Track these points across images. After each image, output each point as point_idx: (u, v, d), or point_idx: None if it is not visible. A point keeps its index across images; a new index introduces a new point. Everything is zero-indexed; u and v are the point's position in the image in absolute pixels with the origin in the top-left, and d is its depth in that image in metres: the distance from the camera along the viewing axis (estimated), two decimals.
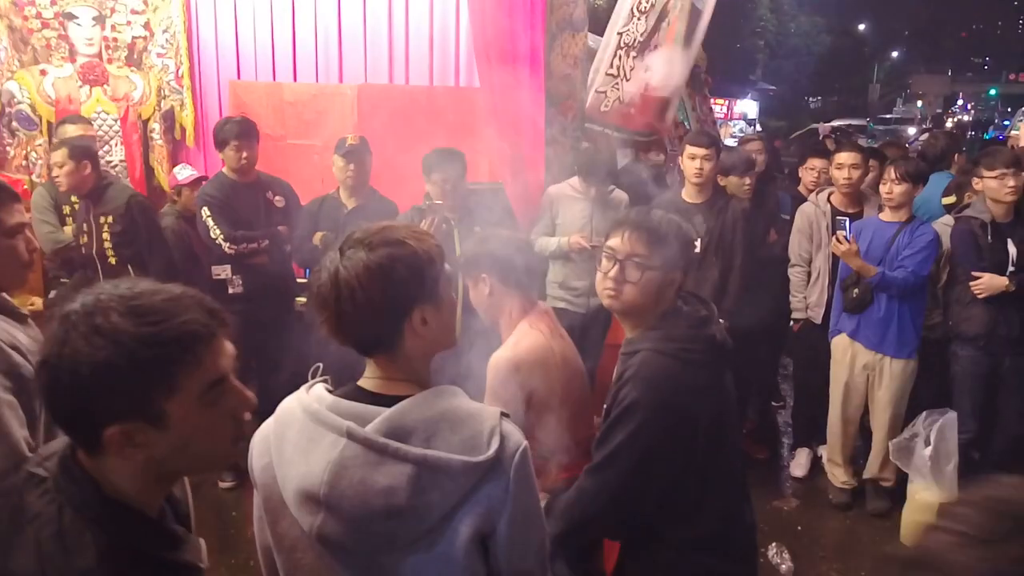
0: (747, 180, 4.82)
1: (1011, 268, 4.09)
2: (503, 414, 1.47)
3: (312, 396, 1.47)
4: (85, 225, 4.30)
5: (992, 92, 47.75)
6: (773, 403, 5.77)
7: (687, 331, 2.04)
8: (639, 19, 5.11)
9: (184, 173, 5.19)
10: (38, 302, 4.47)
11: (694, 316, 2.09)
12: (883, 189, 4.25)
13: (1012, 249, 4.10)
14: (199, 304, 1.18)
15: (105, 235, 4.30)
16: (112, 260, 4.30)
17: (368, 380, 1.51)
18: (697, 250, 4.18)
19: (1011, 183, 4.06)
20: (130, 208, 4.34)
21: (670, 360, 2.00)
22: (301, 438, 1.43)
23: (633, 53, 5.18)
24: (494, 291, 2.65)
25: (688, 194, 4.48)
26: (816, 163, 5.14)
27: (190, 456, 1.20)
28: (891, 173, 4.20)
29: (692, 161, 4.36)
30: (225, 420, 1.22)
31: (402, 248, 1.45)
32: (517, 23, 4.45)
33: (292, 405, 1.49)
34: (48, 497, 1.17)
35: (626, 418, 1.99)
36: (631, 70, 5.21)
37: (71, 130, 4.70)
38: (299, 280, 4.99)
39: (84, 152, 4.28)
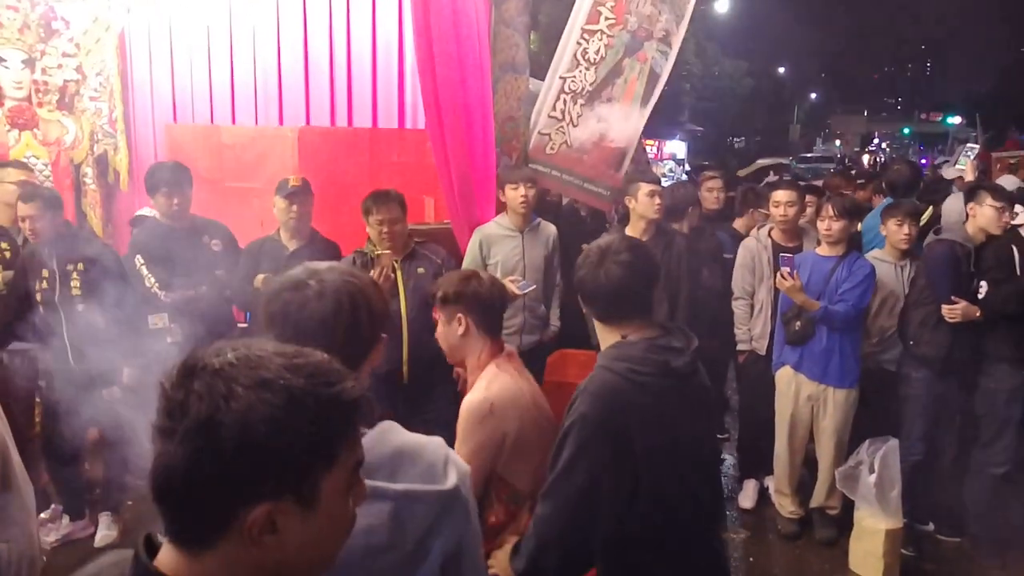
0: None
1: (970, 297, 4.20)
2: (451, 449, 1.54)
3: None
4: (45, 272, 4.16)
5: (905, 131, 49.94)
6: (718, 436, 5.84)
7: (642, 353, 2.09)
8: (587, 68, 5.21)
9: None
10: None
11: (656, 344, 2.13)
12: (822, 226, 4.37)
13: (976, 279, 4.23)
14: (344, 370, 1.03)
15: (75, 282, 4.18)
16: (80, 307, 4.18)
17: None
18: None
19: (1005, 218, 4.19)
20: (104, 257, 4.27)
21: (617, 378, 2.06)
22: None
23: (581, 100, 5.26)
24: (468, 332, 2.62)
25: (633, 231, 4.55)
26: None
27: (315, 552, 1.01)
28: (829, 210, 4.33)
29: (652, 198, 4.46)
30: (351, 513, 1.06)
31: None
32: (466, 65, 4.49)
33: None
34: None
35: (573, 431, 2.04)
36: (578, 117, 5.29)
37: (12, 174, 4.55)
38: (240, 325, 4.88)
39: (58, 202, 4.22)
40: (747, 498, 4.98)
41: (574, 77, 5.23)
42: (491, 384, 2.54)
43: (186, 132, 5.73)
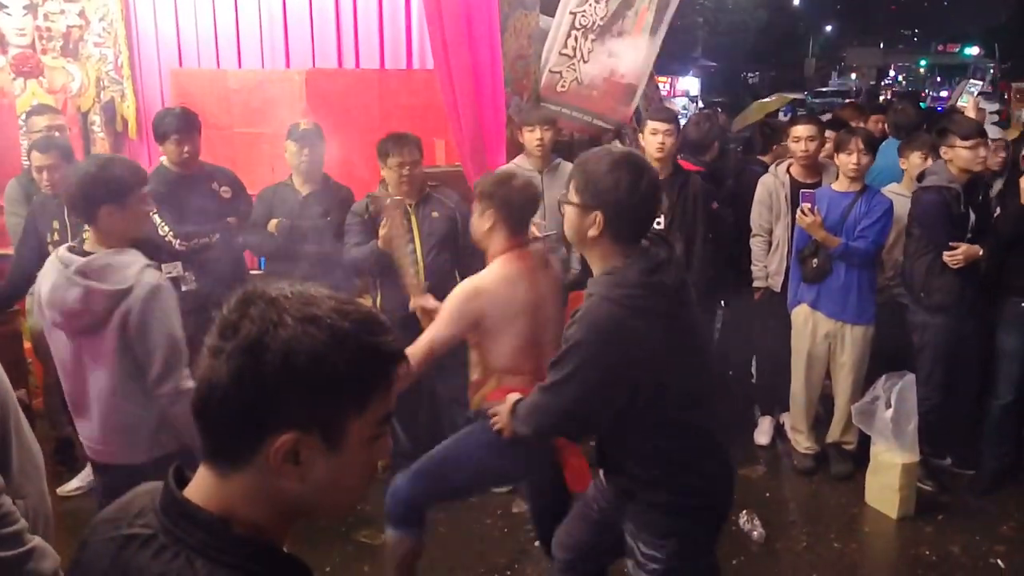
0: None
1: (969, 235, 4.15)
2: (150, 267, 2.61)
3: (63, 252, 2.61)
4: (56, 223, 4.14)
5: (922, 63, 48.83)
6: (730, 372, 5.82)
7: (637, 278, 2.15)
8: (597, 2, 5.09)
9: None
10: None
11: (649, 262, 2.18)
12: (850, 159, 4.23)
13: (972, 215, 4.17)
14: (388, 325, 1.08)
15: (87, 233, 4.16)
16: None
17: (88, 243, 2.66)
18: (660, 226, 4.21)
19: (982, 153, 4.12)
20: None
21: (615, 306, 2.13)
22: (50, 272, 2.59)
23: (592, 36, 5.15)
24: (494, 226, 2.87)
25: None
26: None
27: (333, 494, 1.07)
28: (858, 144, 4.22)
29: (654, 136, 4.34)
30: (372, 463, 1.11)
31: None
32: (472, 1, 4.39)
33: (54, 258, 2.62)
34: (169, 554, 1.02)
35: (569, 356, 2.18)
36: (589, 52, 5.18)
37: (40, 122, 4.50)
38: (252, 271, 4.88)
39: (70, 153, 4.17)
40: (763, 434, 5.00)
41: (584, 11, 5.11)
42: (490, 272, 2.86)
43: (192, 77, 5.65)
